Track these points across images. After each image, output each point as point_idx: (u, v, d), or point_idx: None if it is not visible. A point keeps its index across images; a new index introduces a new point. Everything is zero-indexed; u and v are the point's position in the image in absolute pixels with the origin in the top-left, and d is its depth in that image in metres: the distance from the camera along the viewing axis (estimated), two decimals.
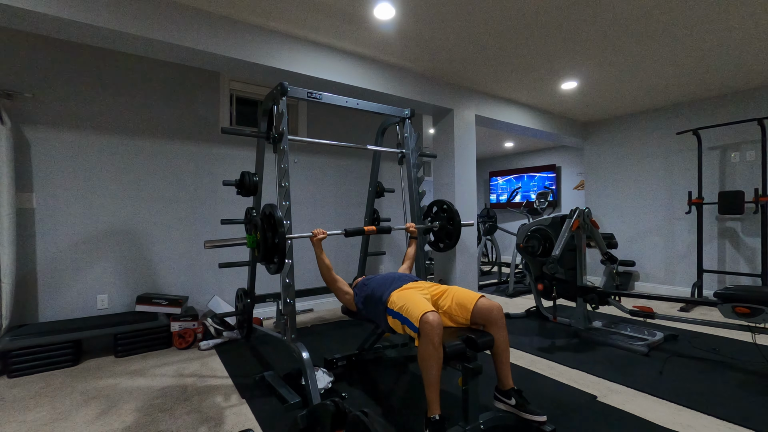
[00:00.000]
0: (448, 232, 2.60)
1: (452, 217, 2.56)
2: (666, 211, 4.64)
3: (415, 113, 3.25)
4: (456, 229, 2.55)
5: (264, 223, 1.84)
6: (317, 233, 2.04)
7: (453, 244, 2.59)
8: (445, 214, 2.61)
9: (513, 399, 1.68)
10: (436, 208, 2.67)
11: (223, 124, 3.46)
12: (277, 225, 1.78)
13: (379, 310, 1.89)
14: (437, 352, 1.51)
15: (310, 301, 3.90)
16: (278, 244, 1.77)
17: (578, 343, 2.88)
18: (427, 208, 2.71)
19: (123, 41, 2.32)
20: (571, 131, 5.19)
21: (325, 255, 2.07)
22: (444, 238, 2.63)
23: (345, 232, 2.21)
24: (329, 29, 2.72)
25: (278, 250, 1.78)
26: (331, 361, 2.37)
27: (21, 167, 2.62)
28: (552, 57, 3.19)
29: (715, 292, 2.45)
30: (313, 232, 2.05)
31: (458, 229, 2.55)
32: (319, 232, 2.05)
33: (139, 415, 1.86)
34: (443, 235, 2.63)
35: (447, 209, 2.59)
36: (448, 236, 2.60)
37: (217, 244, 1.95)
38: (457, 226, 2.54)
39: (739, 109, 4.07)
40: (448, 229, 2.59)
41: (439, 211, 2.65)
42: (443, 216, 2.62)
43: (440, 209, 2.64)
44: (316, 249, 2.06)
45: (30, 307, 2.65)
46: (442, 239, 2.65)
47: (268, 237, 1.82)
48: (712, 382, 2.18)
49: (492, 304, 1.70)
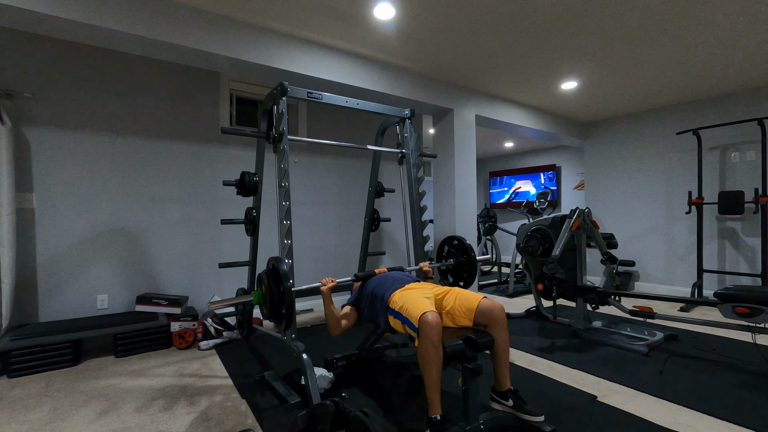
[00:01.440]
0: (464, 267, 2.51)
1: (465, 250, 2.48)
2: (666, 211, 4.65)
3: (415, 113, 3.25)
4: (472, 262, 2.46)
5: (269, 278, 1.80)
6: (326, 282, 1.96)
7: (473, 279, 2.49)
8: (456, 250, 2.54)
9: (510, 400, 1.68)
10: (447, 247, 2.60)
11: (223, 124, 3.46)
12: (282, 279, 1.74)
13: (380, 309, 1.89)
14: (437, 352, 1.51)
15: (310, 301, 3.91)
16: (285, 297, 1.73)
17: (578, 343, 2.88)
18: (439, 246, 2.65)
19: (123, 41, 2.32)
20: (571, 131, 5.19)
21: (335, 307, 1.97)
22: (462, 273, 2.53)
23: (355, 277, 2.13)
24: (329, 29, 2.72)
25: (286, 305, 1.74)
26: (331, 361, 2.37)
27: (21, 167, 2.62)
28: (552, 57, 3.20)
29: (715, 292, 2.45)
30: (321, 281, 1.97)
31: (474, 262, 2.45)
32: (328, 281, 1.96)
33: (139, 415, 1.86)
34: (460, 270, 2.54)
35: (458, 244, 2.52)
36: (465, 270, 2.51)
37: (223, 304, 1.90)
38: (473, 259, 2.45)
39: (739, 109, 4.07)
40: (462, 262, 2.51)
41: (450, 248, 2.58)
42: (455, 252, 2.55)
43: (451, 246, 2.58)
44: (325, 300, 1.95)
45: (30, 307, 2.65)
46: (460, 276, 2.55)
47: (274, 292, 1.77)
48: (712, 382, 2.18)
49: (494, 304, 1.70)
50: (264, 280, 1.82)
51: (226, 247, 3.43)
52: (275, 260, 1.81)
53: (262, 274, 1.85)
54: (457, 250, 2.55)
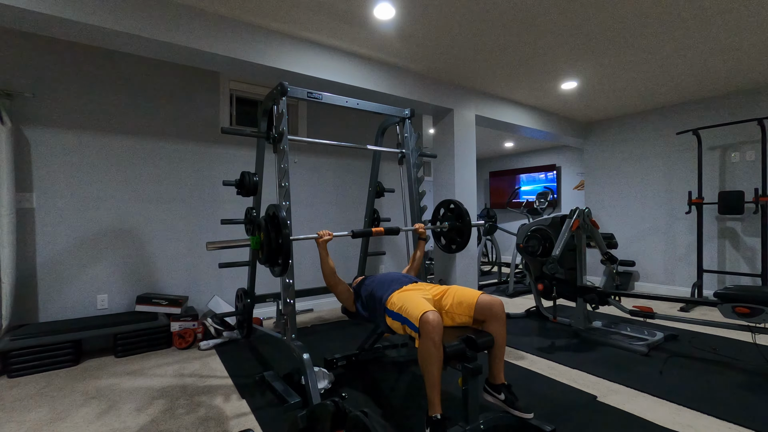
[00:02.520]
0: (458, 230, 2.49)
1: (461, 214, 2.46)
2: (666, 211, 4.65)
3: (415, 113, 3.25)
4: (466, 227, 2.44)
5: (268, 224, 1.82)
6: (323, 234, 1.98)
7: (465, 243, 2.47)
8: (452, 214, 2.53)
9: (502, 394, 1.69)
10: (443, 210, 2.58)
11: (223, 124, 3.46)
12: (281, 226, 1.76)
13: (378, 311, 1.89)
14: (438, 352, 1.51)
15: (310, 301, 3.91)
16: (282, 245, 1.75)
17: (578, 343, 2.88)
18: (435, 209, 2.64)
19: (123, 41, 2.31)
20: (571, 131, 5.19)
21: (330, 258, 2.02)
22: (455, 237, 2.52)
23: (352, 233, 2.14)
24: (329, 29, 2.72)
25: (282, 251, 1.76)
26: (331, 361, 2.37)
27: (21, 167, 2.62)
28: (552, 57, 3.19)
29: (715, 292, 2.45)
30: (318, 233, 1.99)
31: (468, 227, 2.44)
32: (325, 233, 1.99)
33: (139, 415, 1.86)
34: (454, 234, 2.53)
35: (455, 208, 2.50)
36: (459, 234, 2.49)
37: (221, 245, 1.89)
38: (467, 224, 2.44)
39: (739, 109, 4.07)
40: (457, 226, 2.49)
41: (446, 211, 2.57)
42: (450, 216, 2.54)
43: (447, 210, 2.56)
44: (321, 251, 1.99)
45: (30, 307, 2.65)
46: (453, 240, 2.54)
47: (272, 238, 1.79)
48: (712, 382, 2.18)
49: (493, 299, 1.70)
50: (262, 225, 1.83)
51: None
52: (274, 207, 1.81)
53: (261, 219, 1.86)
54: (453, 214, 2.54)
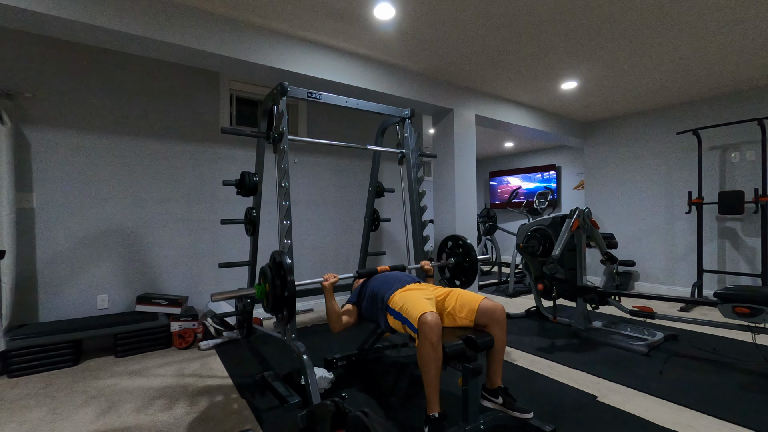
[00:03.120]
0: (464, 270, 2.51)
1: (468, 253, 2.47)
2: (666, 211, 4.64)
3: (415, 113, 3.25)
4: (472, 267, 2.46)
5: (273, 272, 1.79)
6: (328, 278, 1.96)
7: (471, 282, 2.49)
8: (460, 250, 2.52)
9: (500, 398, 1.69)
10: (451, 243, 2.58)
11: (223, 124, 3.46)
12: (286, 273, 1.73)
13: (379, 309, 1.90)
14: (436, 352, 1.52)
15: (310, 301, 3.91)
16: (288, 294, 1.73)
17: (578, 343, 2.88)
18: (441, 243, 2.64)
19: (123, 41, 2.32)
20: (571, 131, 5.19)
21: (336, 303, 1.98)
22: (461, 275, 2.54)
23: (357, 274, 2.16)
24: (329, 29, 2.72)
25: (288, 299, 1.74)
26: (331, 361, 2.37)
27: (21, 167, 2.62)
28: (552, 57, 3.19)
29: (715, 292, 2.45)
30: (323, 277, 1.98)
31: (475, 266, 2.46)
32: (330, 276, 1.97)
33: (139, 415, 1.86)
34: (460, 272, 2.54)
35: (462, 245, 2.50)
36: (465, 273, 2.51)
37: (225, 296, 1.89)
38: (474, 263, 2.45)
39: (739, 109, 4.07)
40: (464, 267, 2.51)
41: (454, 246, 2.57)
42: (459, 252, 2.53)
43: (455, 244, 2.56)
44: (326, 296, 1.95)
45: (30, 307, 2.65)
46: (458, 276, 2.56)
47: (277, 286, 1.77)
48: (712, 382, 2.18)
49: (495, 305, 1.71)
50: (267, 273, 1.82)
51: (226, 247, 3.44)
52: (278, 254, 1.80)
53: (265, 267, 1.85)
54: (459, 250, 2.54)
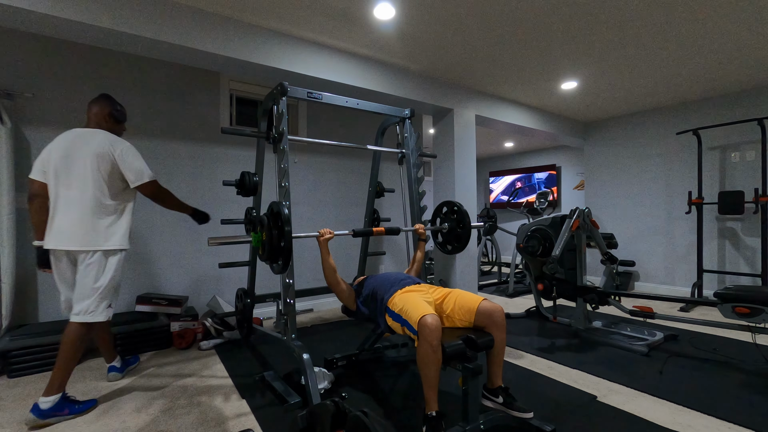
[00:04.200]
0: (457, 235, 2.52)
1: (462, 219, 2.48)
2: (666, 211, 4.65)
3: (415, 113, 3.25)
4: (466, 232, 2.47)
5: (270, 221, 1.81)
6: (324, 233, 1.99)
7: (462, 247, 2.51)
8: (455, 216, 2.54)
9: (500, 397, 1.69)
10: (446, 209, 2.59)
11: (223, 124, 3.46)
12: (284, 223, 1.74)
13: (379, 310, 1.90)
14: (435, 354, 1.52)
15: (310, 301, 3.90)
16: (284, 242, 1.74)
17: (578, 343, 2.88)
18: (436, 208, 2.65)
19: (123, 41, 2.32)
20: (571, 131, 5.19)
21: (331, 257, 2.02)
22: (453, 240, 2.56)
23: (353, 232, 2.16)
24: (329, 29, 2.72)
25: (284, 249, 1.75)
26: (331, 361, 2.37)
27: (21, 167, 2.62)
28: (552, 57, 3.19)
29: (715, 292, 2.45)
30: (319, 231, 1.99)
31: (468, 232, 2.47)
32: (326, 231, 2.00)
33: (139, 415, 1.86)
34: (452, 237, 2.56)
35: (457, 211, 2.51)
36: (457, 239, 2.53)
37: (222, 241, 1.85)
38: (467, 228, 2.46)
39: (739, 109, 4.07)
40: (457, 231, 2.52)
41: (449, 212, 2.58)
42: (453, 218, 2.55)
43: (450, 210, 2.57)
44: (322, 250, 1.99)
45: (30, 307, 2.65)
46: (450, 242, 2.58)
47: (274, 235, 1.78)
48: (712, 382, 2.18)
49: (494, 306, 1.71)
50: (264, 222, 1.82)
51: (226, 247, 3.43)
52: (276, 204, 1.80)
53: (263, 216, 1.85)
54: (453, 216, 2.55)
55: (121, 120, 2.23)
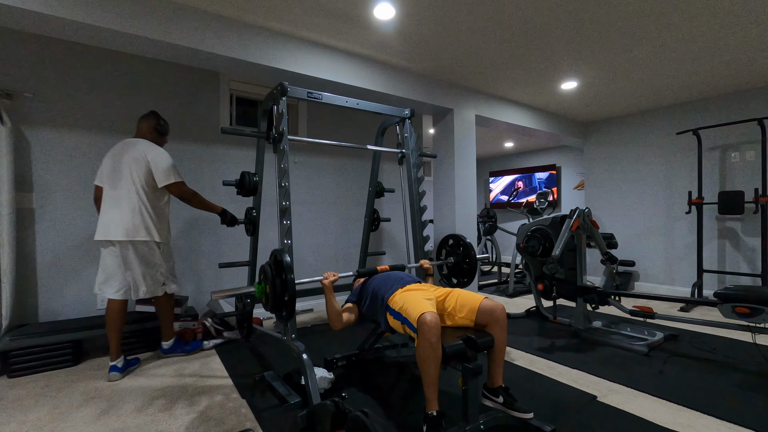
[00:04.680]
0: (463, 270, 2.53)
1: (468, 254, 2.47)
2: (666, 211, 4.65)
3: (415, 113, 3.25)
4: (472, 268, 2.47)
5: (272, 270, 1.79)
6: (328, 276, 1.96)
7: (469, 282, 2.50)
8: (461, 250, 2.52)
9: (501, 397, 1.69)
10: (452, 242, 2.59)
11: (223, 124, 3.46)
12: (286, 272, 1.73)
13: (380, 309, 1.90)
14: (435, 352, 1.52)
15: (310, 301, 3.90)
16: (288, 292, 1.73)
17: (578, 343, 2.88)
18: (442, 240, 2.66)
19: (123, 41, 2.32)
20: (571, 131, 5.20)
21: (336, 301, 1.98)
22: (459, 275, 2.56)
23: (357, 273, 2.17)
24: (329, 29, 2.72)
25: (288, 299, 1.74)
26: (331, 361, 2.37)
27: (21, 167, 2.62)
28: (552, 57, 3.20)
29: (715, 292, 2.45)
30: (323, 275, 1.97)
31: (474, 268, 2.46)
32: (330, 275, 1.96)
33: (139, 415, 1.86)
34: (458, 272, 2.56)
35: (463, 245, 2.50)
36: (462, 274, 2.53)
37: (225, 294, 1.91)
38: (473, 264, 2.46)
39: (739, 109, 4.07)
40: (463, 267, 2.52)
41: (454, 245, 2.57)
42: (459, 252, 2.53)
43: (456, 243, 2.56)
44: (326, 294, 1.95)
45: (30, 307, 2.65)
46: (456, 275, 2.57)
47: (277, 285, 1.76)
48: (712, 382, 2.18)
49: (496, 304, 1.71)
50: (267, 271, 1.82)
51: (226, 247, 3.43)
52: (278, 252, 1.80)
53: (265, 265, 1.84)
54: (459, 250, 2.55)
55: (163, 133, 2.59)
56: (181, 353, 2.64)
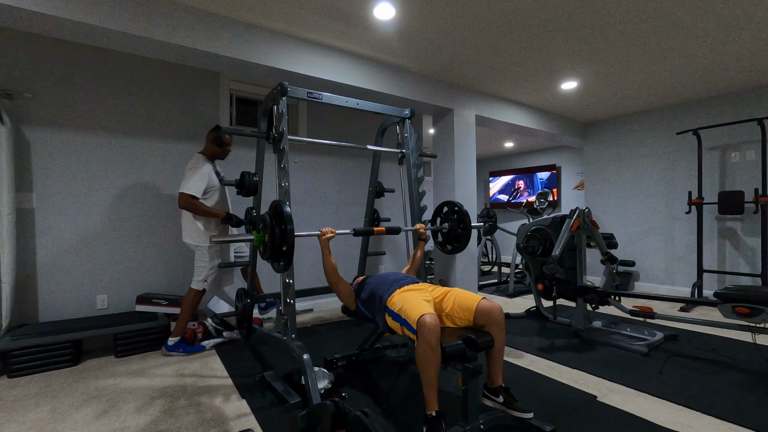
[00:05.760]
0: (457, 235, 2.53)
1: (462, 219, 2.48)
2: (666, 211, 4.65)
3: (415, 113, 3.25)
4: (466, 233, 2.48)
5: (272, 219, 1.80)
6: (325, 232, 1.99)
7: (462, 247, 2.52)
8: (455, 216, 2.54)
9: (501, 396, 1.69)
10: (447, 209, 2.60)
11: (223, 124, 3.46)
12: (286, 222, 1.74)
13: (378, 310, 1.90)
14: (434, 354, 1.52)
15: (310, 301, 3.90)
16: (287, 240, 1.73)
17: (578, 343, 2.88)
18: (437, 207, 2.66)
19: (123, 41, 2.32)
20: (571, 131, 5.19)
21: (332, 256, 2.02)
22: (453, 240, 2.57)
23: (354, 231, 2.16)
24: (329, 29, 2.72)
25: (286, 248, 1.74)
26: (331, 361, 2.37)
27: (21, 167, 2.62)
28: (552, 57, 3.19)
29: (715, 292, 2.45)
30: (321, 230, 1.99)
31: (468, 233, 2.47)
32: (328, 231, 2.00)
33: (139, 415, 1.86)
34: (452, 237, 2.57)
35: (458, 211, 2.51)
36: (457, 239, 2.54)
37: (224, 239, 1.99)
38: (468, 229, 2.47)
39: (739, 109, 4.07)
40: (458, 232, 2.52)
41: (449, 212, 2.58)
42: (453, 218, 2.55)
43: (451, 210, 2.57)
44: (323, 248, 1.99)
45: (30, 307, 2.65)
46: (450, 242, 2.58)
47: (276, 233, 1.78)
48: (712, 382, 2.18)
49: (493, 305, 1.71)
50: (267, 220, 1.81)
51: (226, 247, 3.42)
52: (278, 203, 1.80)
53: (265, 215, 1.84)
54: (453, 216, 2.55)
55: (219, 144, 2.85)
56: (182, 353, 2.67)
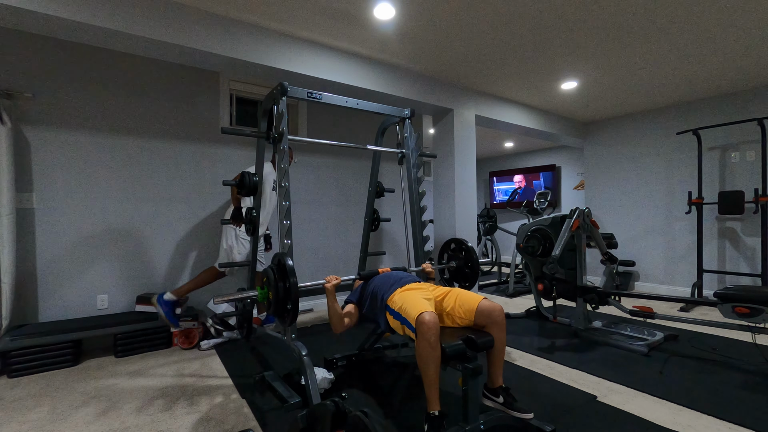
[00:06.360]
0: (465, 275, 2.54)
1: (470, 258, 2.49)
2: (666, 211, 4.64)
3: (415, 113, 3.25)
4: (474, 272, 2.49)
5: (275, 274, 1.78)
6: (330, 280, 1.96)
7: (471, 287, 2.52)
8: (463, 254, 2.54)
9: (501, 397, 1.70)
10: (454, 246, 2.60)
11: (223, 124, 3.46)
12: (288, 275, 1.73)
13: (379, 309, 1.90)
14: (434, 352, 1.52)
15: (310, 301, 3.90)
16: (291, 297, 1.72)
17: (578, 343, 2.88)
18: (444, 244, 2.67)
19: (123, 41, 2.32)
20: (571, 131, 5.19)
21: (338, 304, 1.97)
22: (460, 279, 2.58)
23: (359, 275, 2.16)
24: (329, 29, 2.72)
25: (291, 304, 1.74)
26: (331, 361, 2.37)
27: (21, 167, 2.62)
28: (552, 57, 3.19)
29: (715, 292, 2.45)
30: (325, 279, 1.98)
31: (476, 273, 2.48)
32: (332, 278, 1.97)
33: (139, 415, 1.86)
34: (460, 276, 2.58)
35: (465, 249, 2.51)
36: (464, 278, 2.55)
37: (227, 298, 2.02)
38: (476, 269, 2.48)
39: (739, 109, 4.07)
40: (465, 272, 2.53)
41: (456, 249, 2.58)
42: (461, 256, 2.55)
43: (458, 248, 2.57)
44: (328, 296, 1.95)
45: (30, 307, 2.65)
46: (458, 280, 2.60)
47: (280, 289, 1.75)
48: (712, 382, 2.18)
49: (494, 305, 1.71)
50: (270, 275, 1.81)
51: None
52: (281, 255, 1.80)
53: (268, 269, 1.84)
54: (461, 254, 2.56)
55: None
56: (163, 312, 2.73)
